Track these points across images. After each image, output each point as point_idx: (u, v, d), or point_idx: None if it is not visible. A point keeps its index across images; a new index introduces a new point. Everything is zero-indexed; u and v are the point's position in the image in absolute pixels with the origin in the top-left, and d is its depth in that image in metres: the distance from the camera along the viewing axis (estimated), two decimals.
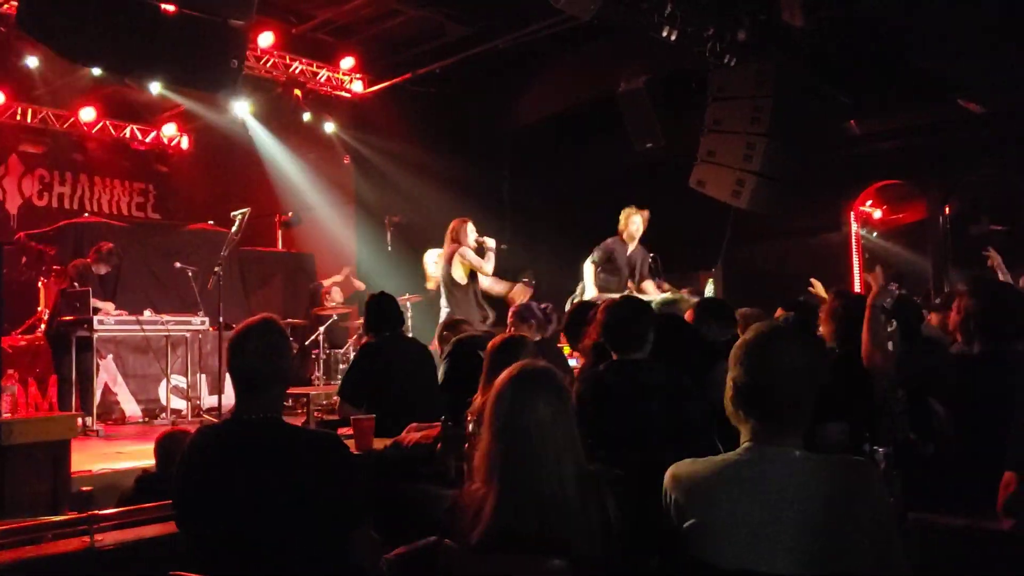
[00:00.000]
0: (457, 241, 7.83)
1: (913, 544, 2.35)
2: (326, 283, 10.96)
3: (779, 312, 5.51)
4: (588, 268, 8.32)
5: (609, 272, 8.34)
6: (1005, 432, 2.60)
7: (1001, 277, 5.99)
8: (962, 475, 2.73)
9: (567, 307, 7.14)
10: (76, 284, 8.01)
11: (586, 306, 4.66)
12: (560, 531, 2.08)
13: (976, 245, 10.13)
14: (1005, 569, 2.47)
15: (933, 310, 5.41)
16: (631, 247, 8.35)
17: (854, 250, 11.31)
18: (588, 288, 8.25)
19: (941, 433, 3.09)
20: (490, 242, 7.90)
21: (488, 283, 7.97)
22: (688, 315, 4.90)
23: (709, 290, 9.78)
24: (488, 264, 7.84)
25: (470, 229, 7.93)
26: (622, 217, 8.35)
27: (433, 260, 8.43)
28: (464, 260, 7.78)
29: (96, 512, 3.09)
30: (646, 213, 8.32)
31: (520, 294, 7.80)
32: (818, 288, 6.94)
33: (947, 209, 10.82)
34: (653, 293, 8.08)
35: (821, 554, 1.96)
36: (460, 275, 7.79)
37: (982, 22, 8.07)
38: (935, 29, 8.44)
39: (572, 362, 9.45)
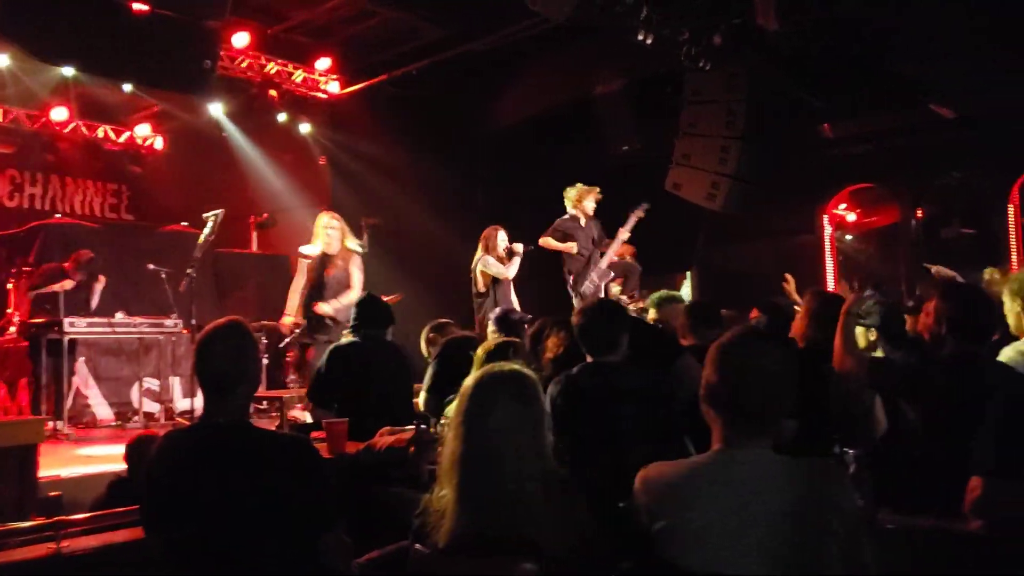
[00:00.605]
0: (486, 249, 8.07)
1: (883, 545, 2.37)
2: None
3: (754, 313, 5.55)
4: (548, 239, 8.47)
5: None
6: (974, 435, 2.62)
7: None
8: (932, 477, 2.75)
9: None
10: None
11: (544, 323, 4.72)
12: (527, 533, 2.08)
13: (947, 248, 10.26)
14: (974, 569, 2.49)
15: (906, 312, 5.45)
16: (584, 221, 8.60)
17: (828, 253, 11.41)
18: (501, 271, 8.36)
19: (910, 435, 3.12)
20: (518, 247, 8.12)
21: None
22: (681, 316, 4.93)
23: (685, 291, 9.83)
24: (511, 269, 8.07)
25: (501, 237, 8.16)
26: (578, 192, 8.57)
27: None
28: (485, 269, 8.02)
29: (63, 518, 3.05)
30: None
31: None
32: (791, 286, 6.98)
33: (919, 212, 10.95)
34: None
35: (791, 556, 1.97)
36: (480, 284, 8.05)
37: (954, 27, 8.16)
38: (907, 34, 8.53)
39: None
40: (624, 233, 8.52)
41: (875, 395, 3.40)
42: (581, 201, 8.59)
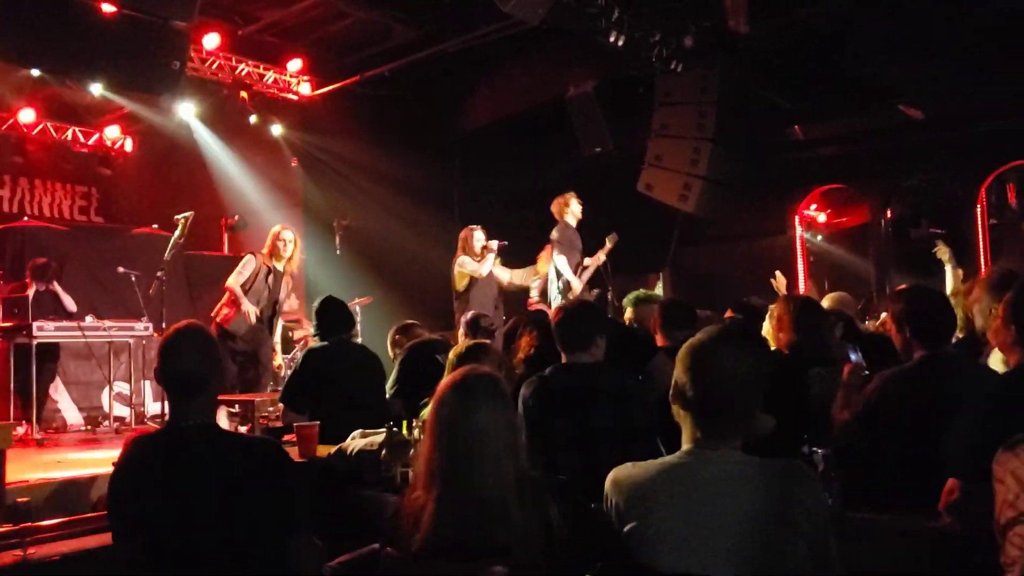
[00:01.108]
0: (463, 250, 8.27)
1: (851, 543, 2.39)
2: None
3: (728, 313, 5.58)
4: (561, 260, 8.43)
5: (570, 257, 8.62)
6: (942, 434, 2.64)
7: (951, 270, 6.14)
8: (903, 476, 2.78)
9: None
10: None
11: (517, 323, 4.76)
12: (500, 537, 2.08)
13: (916, 248, 10.38)
14: (943, 568, 2.52)
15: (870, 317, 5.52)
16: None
17: (799, 253, 11.51)
18: (574, 281, 8.41)
19: (882, 435, 3.14)
20: (492, 244, 8.31)
21: (507, 278, 8.32)
22: (656, 315, 4.94)
23: (658, 292, 9.87)
24: (484, 266, 8.25)
25: (477, 236, 8.34)
26: (565, 201, 8.63)
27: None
28: (461, 269, 8.21)
29: (29, 524, 3.01)
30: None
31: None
32: (780, 283, 7.00)
33: (888, 213, 11.07)
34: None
35: (760, 556, 1.98)
36: (458, 284, 8.25)
37: (923, 29, 8.26)
38: (877, 36, 8.63)
39: None
40: (601, 256, 8.66)
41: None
42: (569, 206, 8.67)
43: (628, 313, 5.82)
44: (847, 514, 2.58)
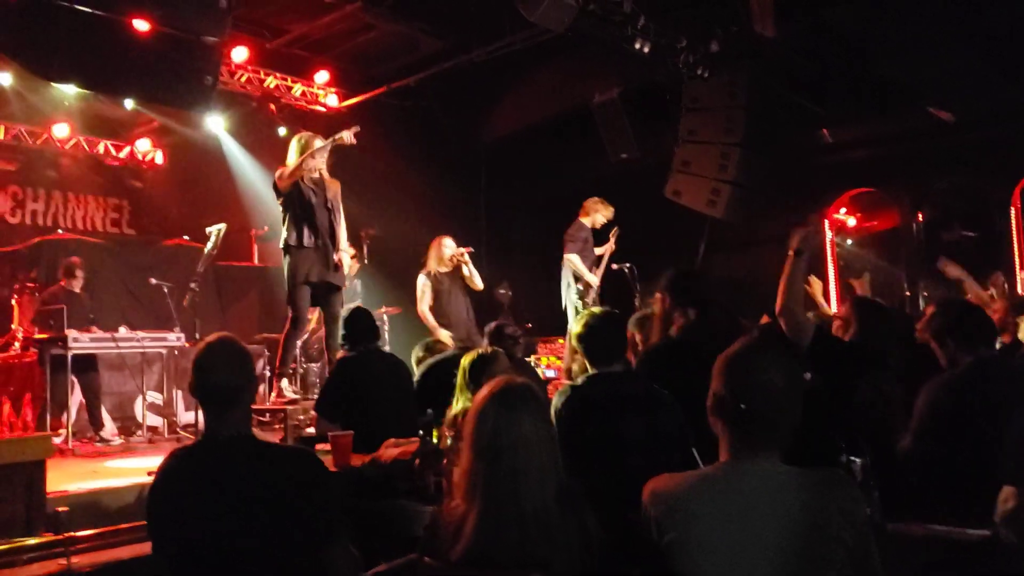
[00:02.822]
0: (436, 259, 8.02)
1: (892, 553, 2.37)
2: None
3: (764, 319, 5.53)
4: (575, 258, 8.50)
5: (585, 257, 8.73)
6: (994, 443, 2.59)
7: (967, 283, 6.08)
8: (947, 485, 2.74)
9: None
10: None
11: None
12: (540, 548, 2.07)
13: (949, 252, 10.25)
14: None
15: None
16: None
17: (829, 258, 11.41)
18: (591, 278, 8.54)
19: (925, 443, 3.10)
20: (462, 250, 7.97)
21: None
22: None
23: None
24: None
25: (447, 244, 8.05)
26: (595, 206, 8.71)
27: None
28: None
29: (73, 534, 3.06)
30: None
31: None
32: (815, 289, 6.94)
33: (919, 216, 10.95)
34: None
35: (800, 568, 1.97)
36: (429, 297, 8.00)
37: (950, 30, 8.18)
38: (906, 38, 8.56)
39: (550, 373, 9.56)
40: (611, 245, 8.84)
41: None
42: (597, 211, 8.73)
43: (631, 333, 5.75)
44: (888, 524, 2.56)
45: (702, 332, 3.98)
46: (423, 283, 7.93)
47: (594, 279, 8.44)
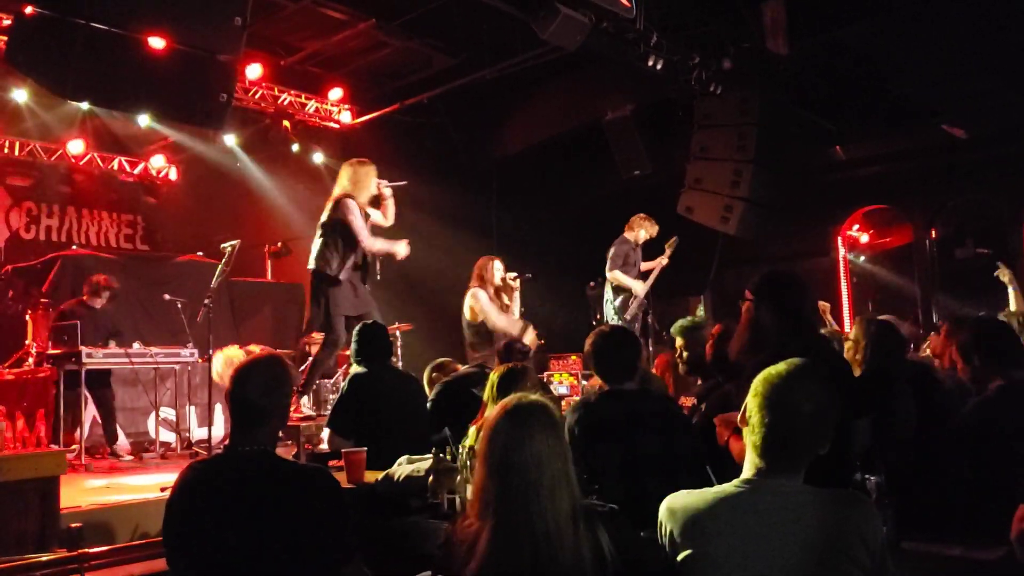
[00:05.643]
0: (479, 280, 7.88)
1: (906, 571, 2.35)
2: None
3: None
4: (617, 274, 8.56)
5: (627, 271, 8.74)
6: (1015, 464, 2.57)
7: (1013, 293, 6.05)
8: (960, 504, 2.72)
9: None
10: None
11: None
12: (555, 567, 2.07)
13: (962, 269, 10.21)
14: None
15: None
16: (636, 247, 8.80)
17: (842, 274, 11.39)
18: (635, 285, 8.56)
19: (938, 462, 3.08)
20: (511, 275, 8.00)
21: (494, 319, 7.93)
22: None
23: (700, 316, 9.81)
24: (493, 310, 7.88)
25: (497, 266, 7.96)
26: (641, 222, 8.70)
27: None
28: (476, 302, 7.83)
29: (86, 551, 3.06)
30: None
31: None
32: (825, 311, 6.92)
33: (933, 233, 10.92)
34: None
35: None
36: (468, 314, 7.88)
37: (962, 47, 8.18)
38: (918, 56, 8.56)
39: (562, 389, 9.54)
40: (664, 260, 8.72)
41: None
42: (643, 228, 8.75)
43: (678, 342, 5.73)
44: (903, 542, 2.54)
45: None
46: (485, 298, 7.81)
47: (636, 285, 8.42)
